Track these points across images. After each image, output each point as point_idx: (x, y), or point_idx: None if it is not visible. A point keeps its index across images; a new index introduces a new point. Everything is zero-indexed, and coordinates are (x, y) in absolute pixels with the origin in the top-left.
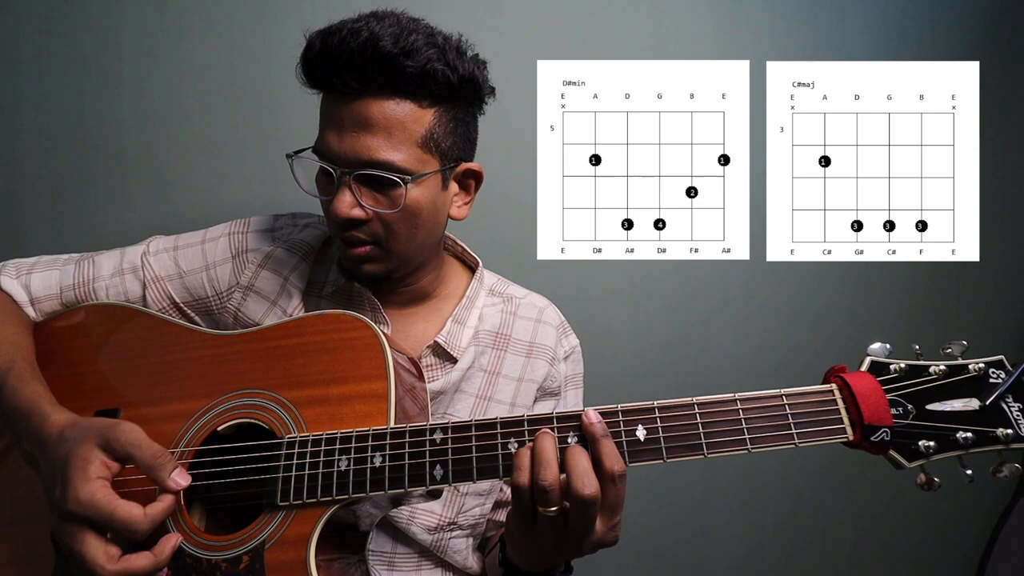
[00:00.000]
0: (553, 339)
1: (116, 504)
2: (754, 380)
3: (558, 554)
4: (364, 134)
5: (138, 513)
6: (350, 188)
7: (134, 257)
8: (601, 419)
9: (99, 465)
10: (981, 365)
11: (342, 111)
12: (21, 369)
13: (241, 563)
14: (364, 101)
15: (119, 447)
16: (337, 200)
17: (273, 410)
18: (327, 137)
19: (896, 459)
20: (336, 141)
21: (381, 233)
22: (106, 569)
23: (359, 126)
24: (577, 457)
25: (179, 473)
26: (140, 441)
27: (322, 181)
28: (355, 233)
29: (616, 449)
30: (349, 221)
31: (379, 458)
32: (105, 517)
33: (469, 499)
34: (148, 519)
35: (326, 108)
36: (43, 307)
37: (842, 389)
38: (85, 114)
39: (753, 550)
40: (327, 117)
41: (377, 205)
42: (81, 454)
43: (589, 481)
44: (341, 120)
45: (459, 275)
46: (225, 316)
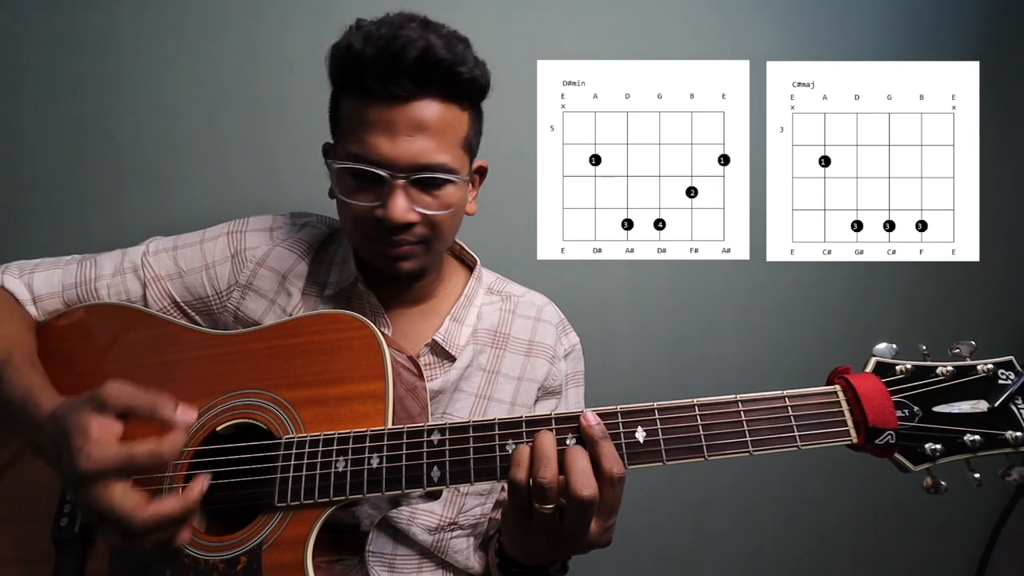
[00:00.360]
0: (553, 337)
1: (132, 445)
2: (754, 380)
3: (551, 551)
4: (420, 137)
5: (155, 443)
6: (404, 191)
7: (134, 257)
8: (600, 420)
9: (99, 425)
10: (990, 366)
11: (394, 115)
12: (19, 361)
13: (239, 564)
14: (418, 104)
15: (114, 402)
16: (393, 206)
17: (271, 410)
18: (374, 141)
19: (902, 462)
20: (389, 145)
21: (428, 234)
22: (136, 515)
23: (415, 130)
24: (577, 457)
25: (183, 408)
26: (132, 390)
27: (358, 186)
28: (403, 238)
29: (615, 451)
30: (404, 226)
31: (376, 459)
32: (124, 459)
33: (470, 499)
34: (169, 445)
35: (370, 114)
36: (45, 306)
37: (846, 390)
38: (84, 115)
39: (753, 548)
40: (372, 123)
41: (427, 207)
42: (77, 421)
43: (588, 482)
44: (394, 124)
45: (457, 273)
46: (225, 315)
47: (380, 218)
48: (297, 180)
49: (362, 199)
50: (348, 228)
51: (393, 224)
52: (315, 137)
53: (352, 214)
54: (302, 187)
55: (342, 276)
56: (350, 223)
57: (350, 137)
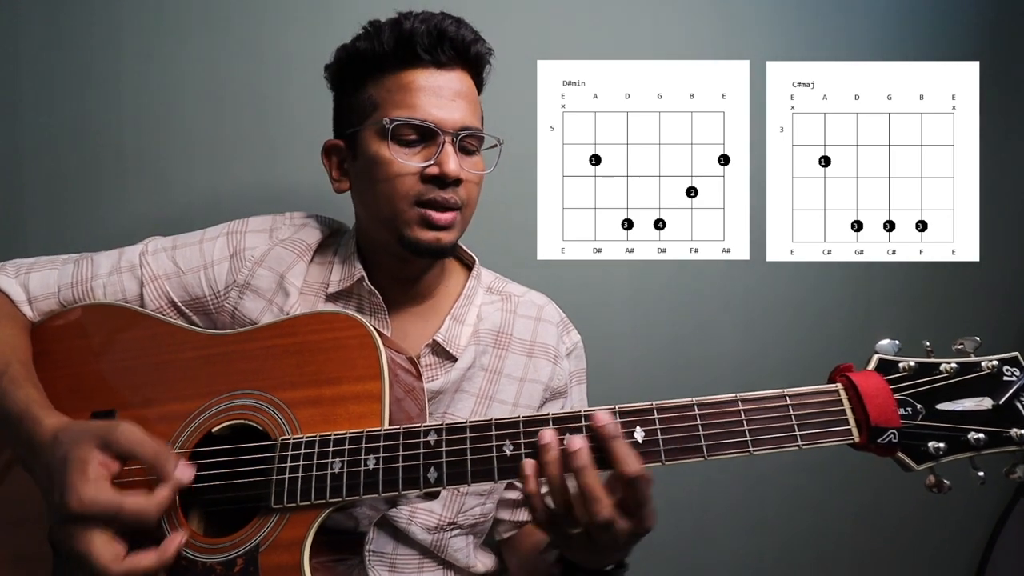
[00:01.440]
0: (554, 337)
1: (122, 498)
2: (754, 380)
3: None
4: (461, 102)
5: (145, 501)
6: (454, 149)
7: (132, 256)
8: (612, 419)
9: (97, 465)
10: (995, 363)
11: (441, 80)
12: (15, 372)
13: (236, 566)
14: (458, 73)
15: (120, 447)
16: (447, 159)
17: (267, 411)
18: (424, 104)
19: (904, 461)
20: (438, 107)
21: (465, 198)
22: (112, 569)
23: (457, 95)
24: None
25: (183, 467)
26: (141, 439)
27: (404, 149)
28: (452, 196)
29: (630, 450)
30: (457, 181)
31: (373, 460)
32: (113, 511)
33: (469, 499)
34: (156, 504)
35: (418, 80)
36: (40, 306)
37: (848, 389)
38: (85, 114)
39: (753, 548)
40: (421, 88)
41: (470, 170)
42: (79, 456)
43: (598, 506)
44: (441, 89)
45: (457, 273)
46: (223, 315)
47: (435, 175)
48: (297, 180)
49: (411, 159)
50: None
51: (450, 177)
52: (315, 137)
53: (395, 178)
54: (302, 187)
55: (345, 275)
56: (391, 192)
57: (394, 105)
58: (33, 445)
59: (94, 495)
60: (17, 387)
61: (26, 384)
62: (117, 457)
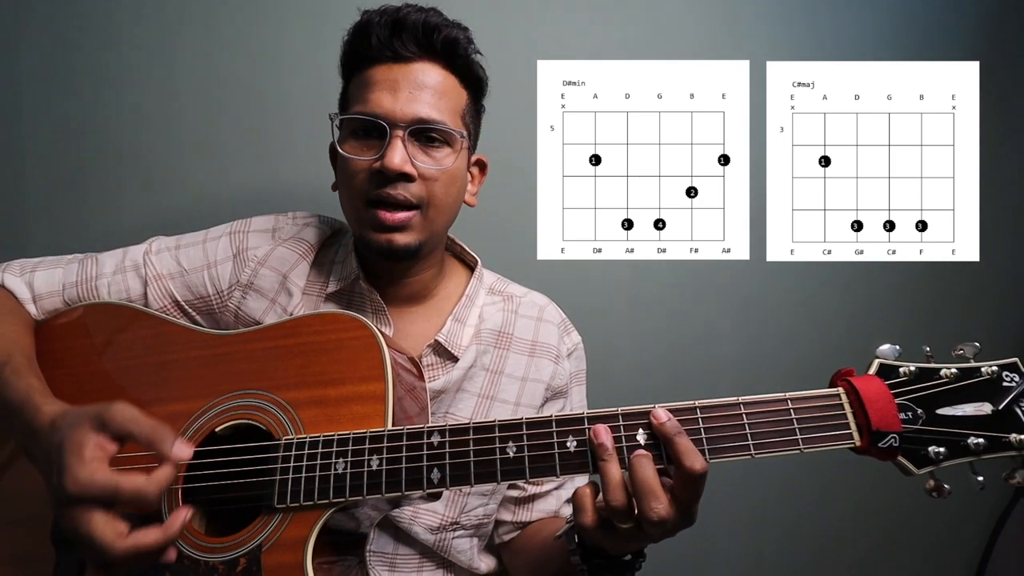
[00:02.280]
0: (556, 337)
1: (119, 478)
2: (753, 380)
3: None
4: (421, 93)
5: (143, 480)
6: (403, 143)
7: (136, 255)
8: (671, 416)
9: (94, 447)
10: (994, 368)
11: (398, 74)
12: (17, 363)
13: (238, 566)
14: (421, 65)
15: (116, 426)
16: (390, 153)
17: (271, 411)
18: (377, 98)
19: (905, 466)
20: (390, 100)
21: (423, 195)
22: (115, 546)
23: (416, 87)
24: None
25: (180, 444)
26: (136, 417)
27: (359, 145)
28: (400, 192)
29: (693, 446)
30: (399, 175)
31: (376, 461)
32: (110, 491)
33: (472, 499)
34: (155, 483)
35: (375, 75)
36: (45, 304)
37: (849, 393)
38: (85, 114)
39: (753, 549)
40: (376, 83)
41: (424, 164)
42: (75, 438)
43: (655, 503)
44: (397, 82)
45: (458, 274)
46: (226, 315)
47: (378, 170)
48: (296, 179)
49: (363, 155)
50: (348, 202)
51: (390, 171)
52: (314, 136)
53: (351, 177)
54: (301, 186)
55: (343, 274)
56: (348, 191)
57: (353, 102)
58: (33, 432)
59: (90, 476)
60: (19, 377)
61: (28, 374)
62: (114, 438)
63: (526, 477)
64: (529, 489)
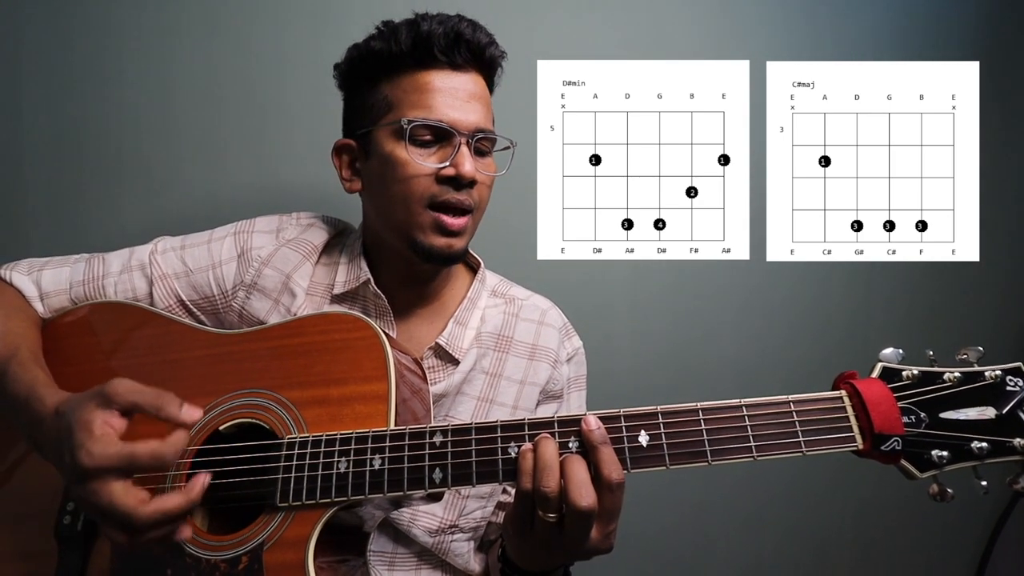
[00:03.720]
0: (556, 341)
1: (133, 445)
2: (754, 380)
3: (552, 558)
4: (476, 104)
5: (158, 444)
6: (469, 150)
7: (142, 255)
8: (600, 425)
9: (102, 422)
10: (998, 372)
11: (456, 82)
12: (23, 357)
13: (240, 564)
14: (473, 75)
15: (120, 399)
16: (463, 161)
17: (274, 410)
18: (440, 105)
19: (908, 469)
20: (454, 108)
21: (478, 200)
22: (139, 512)
23: (474, 98)
24: (575, 466)
25: (188, 407)
26: (138, 387)
27: (420, 151)
28: (466, 198)
29: (615, 456)
30: (472, 182)
31: (378, 460)
32: (126, 459)
33: (471, 502)
34: (171, 445)
35: (435, 82)
36: (52, 302)
37: (852, 396)
38: (84, 115)
39: (753, 549)
40: (440, 89)
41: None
42: (82, 417)
43: (586, 492)
44: (457, 91)
45: (462, 276)
46: (230, 315)
47: (451, 176)
48: (297, 179)
49: (426, 160)
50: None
51: (466, 179)
52: (315, 137)
53: (410, 179)
54: (302, 187)
55: (351, 276)
56: (405, 194)
57: (411, 106)
58: (39, 422)
59: (104, 448)
60: (24, 370)
61: (33, 367)
62: (121, 413)
63: None
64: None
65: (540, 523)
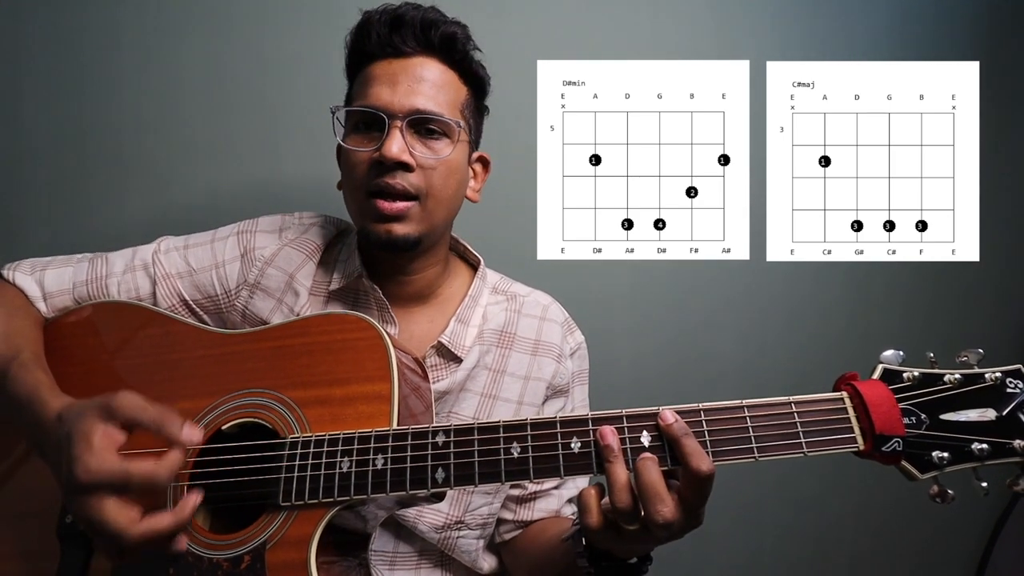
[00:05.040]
0: (559, 336)
1: (129, 463)
2: (754, 380)
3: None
4: (419, 86)
5: (154, 464)
6: (401, 133)
7: (145, 255)
8: (679, 417)
9: (102, 435)
10: (998, 374)
11: (397, 68)
12: (25, 359)
13: (242, 563)
14: (420, 60)
15: (122, 414)
16: (388, 142)
17: (277, 410)
18: (377, 92)
19: (908, 470)
20: (389, 93)
21: (422, 186)
22: (129, 531)
23: (415, 80)
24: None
25: (189, 427)
26: (142, 404)
27: (360, 138)
28: (398, 181)
29: (700, 447)
30: (397, 164)
31: (381, 460)
32: (121, 477)
33: (476, 497)
34: (166, 467)
35: (375, 71)
36: (55, 303)
37: (853, 397)
38: (84, 114)
39: (753, 548)
40: (377, 77)
41: (423, 154)
42: (83, 428)
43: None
44: (395, 76)
45: (462, 274)
46: (233, 314)
47: (377, 160)
48: (299, 179)
49: (363, 147)
50: (350, 195)
51: (388, 160)
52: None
53: (352, 168)
54: (305, 187)
55: (346, 272)
56: (350, 183)
57: (356, 97)
58: (41, 426)
59: (100, 463)
60: (27, 372)
61: (35, 369)
62: (122, 427)
63: (530, 478)
64: (530, 487)
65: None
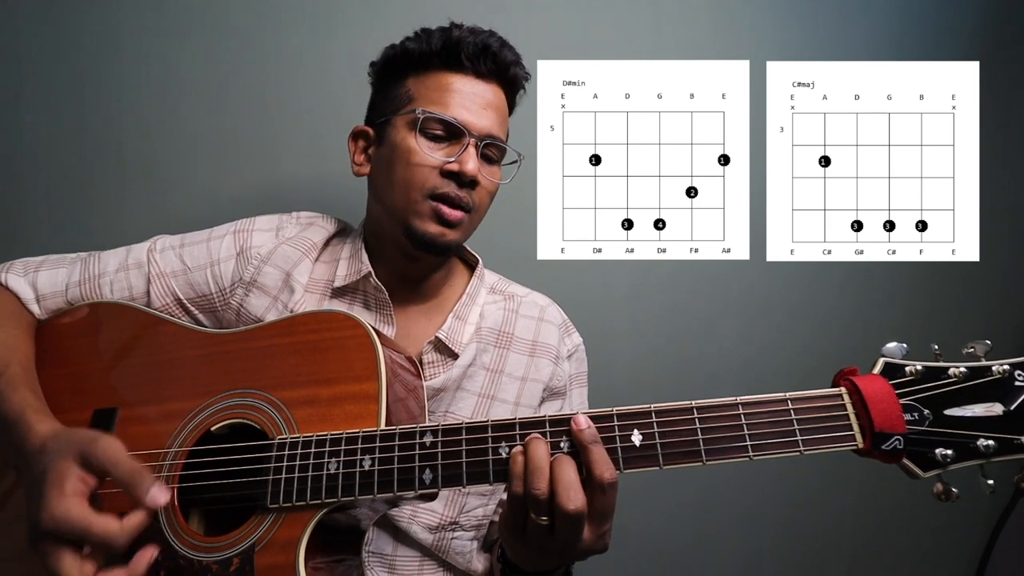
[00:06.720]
0: (556, 338)
1: (92, 519)
2: (754, 380)
3: (545, 559)
4: (491, 112)
5: (115, 526)
6: (476, 151)
7: (139, 254)
8: (591, 424)
9: (75, 480)
10: (1006, 367)
11: (477, 89)
12: (13, 374)
13: (231, 565)
14: (493, 86)
15: (97, 462)
16: (468, 159)
17: (265, 410)
18: (456, 105)
19: (910, 468)
20: (470, 112)
21: (476, 203)
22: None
23: (489, 106)
24: (564, 468)
25: (158, 489)
26: (118, 457)
27: (430, 143)
28: (466, 195)
29: (607, 456)
30: (472, 181)
31: (368, 461)
32: (81, 532)
33: (471, 499)
34: (125, 532)
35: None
36: (48, 304)
37: (852, 393)
38: (84, 115)
39: (752, 548)
40: (458, 91)
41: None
42: (58, 469)
43: (574, 494)
44: (475, 96)
45: (460, 273)
46: (228, 313)
47: (454, 172)
48: (299, 179)
49: (435, 153)
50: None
51: (467, 176)
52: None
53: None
54: (303, 187)
55: (352, 270)
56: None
57: (430, 101)
58: (24, 452)
59: (65, 512)
60: (13, 390)
61: (22, 387)
62: (95, 473)
63: None
64: None
65: (532, 525)
